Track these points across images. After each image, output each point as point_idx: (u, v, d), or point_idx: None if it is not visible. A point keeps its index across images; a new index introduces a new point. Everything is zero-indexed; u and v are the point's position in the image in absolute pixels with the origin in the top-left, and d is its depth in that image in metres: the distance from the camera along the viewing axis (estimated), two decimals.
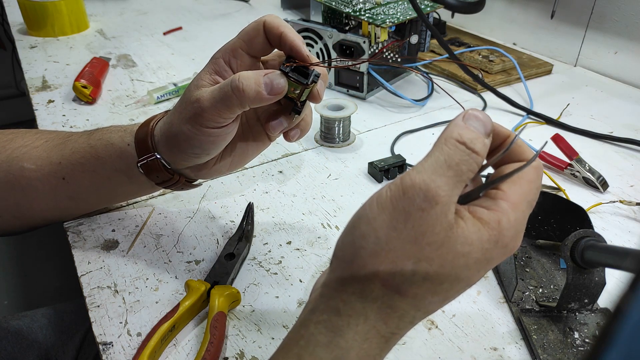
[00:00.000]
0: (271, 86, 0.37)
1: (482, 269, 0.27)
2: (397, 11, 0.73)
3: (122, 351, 0.37)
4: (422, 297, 0.26)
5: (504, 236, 0.26)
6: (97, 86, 0.74)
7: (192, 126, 0.38)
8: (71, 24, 0.97)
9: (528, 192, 0.28)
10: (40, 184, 0.45)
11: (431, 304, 0.27)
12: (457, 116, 0.28)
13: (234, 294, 0.40)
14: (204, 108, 0.37)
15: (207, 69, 0.40)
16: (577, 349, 0.38)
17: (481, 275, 0.28)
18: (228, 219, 0.51)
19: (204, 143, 0.40)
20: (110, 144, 0.43)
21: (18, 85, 2.05)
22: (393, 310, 0.26)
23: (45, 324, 0.59)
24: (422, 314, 0.28)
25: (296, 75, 0.37)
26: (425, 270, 0.26)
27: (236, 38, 0.39)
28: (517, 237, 0.27)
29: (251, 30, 0.39)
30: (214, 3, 1.17)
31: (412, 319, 0.27)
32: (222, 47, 0.40)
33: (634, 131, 0.69)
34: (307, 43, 0.73)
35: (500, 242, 0.26)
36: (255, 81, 0.36)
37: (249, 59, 0.40)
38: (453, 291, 0.27)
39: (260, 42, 0.39)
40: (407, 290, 0.26)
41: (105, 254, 0.46)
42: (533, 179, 0.28)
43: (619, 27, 0.81)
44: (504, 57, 0.82)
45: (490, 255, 0.26)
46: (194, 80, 0.39)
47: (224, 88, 0.37)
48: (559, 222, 0.46)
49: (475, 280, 0.27)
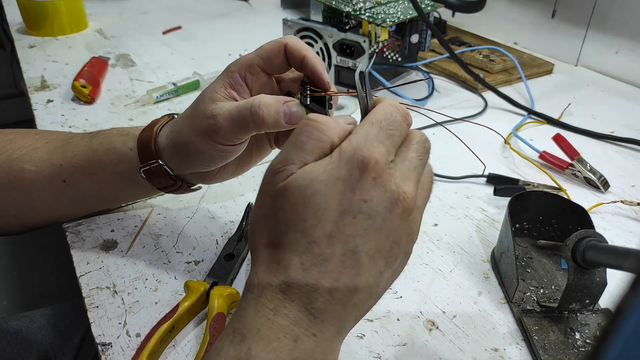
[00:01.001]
0: (290, 115, 0.37)
1: (337, 193, 0.27)
2: (398, 10, 0.73)
3: (121, 352, 0.37)
4: (294, 242, 0.27)
5: (342, 154, 0.27)
6: (96, 86, 0.74)
7: (205, 140, 0.39)
8: (70, 23, 0.97)
9: (378, 115, 0.29)
10: (41, 186, 0.45)
11: (303, 244, 0.27)
12: None
13: (233, 295, 0.40)
14: (219, 126, 0.38)
15: (222, 81, 0.39)
16: (578, 349, 0.37)
17: (352, 198, 0.27)
18: (227, 219, 0.51)
19: (214, 157, 0.40)
20: (113, 148, 0.43)
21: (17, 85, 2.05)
22: (273, 262, 0.27)
23: (45, 324, 0.58)
24: (299, 257, 0.27)
25: (314, 105, 0.38)
26: (284, 216, 0.27)
27: (254, 54, 0.39)
28: (364, 146, 0.27)
29: (271, 50, 0.38)
30: (214, 2, 1.17)
31: (298, 265, 0.27)
32: (238, 60, 0.39)
33: (635, 131, 0.68)
34: (307, 42, 0.73)
35: (340, 160, 0.27)
36: (275, 109, 0.37)
37: (265, 76, 0.40)
38: (318, 226, 0.27)
39: (279, 62, 0.39)
40: (278, 241, 0.28)
41: (104, 254, 0.46)
42: (382, 109, 0.30)
43: (620, 27, 0.81)
44: (505, 57, 0.82)
45: (337, 172, 0.27)
46: (208, 92, 0.39)
47: (242, 111, 0.37)
48: (560, 223, 0.46)
49: (346, 202, 0.27)
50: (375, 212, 0.27)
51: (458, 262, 0.46)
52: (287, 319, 0.26)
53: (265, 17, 1.09)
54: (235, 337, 0.27)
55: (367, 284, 0.27)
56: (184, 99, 0.74)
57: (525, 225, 0.48)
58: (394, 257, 0.28)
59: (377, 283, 0.28)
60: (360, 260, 0.27)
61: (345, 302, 0.27)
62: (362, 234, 0.27)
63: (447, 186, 0.56)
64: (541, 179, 0.57)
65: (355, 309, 0.28)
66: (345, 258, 0.27)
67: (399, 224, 0.27)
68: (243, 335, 0.26)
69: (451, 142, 0.65)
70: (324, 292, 0.27)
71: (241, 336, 0.26)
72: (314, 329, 0.27)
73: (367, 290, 0.28)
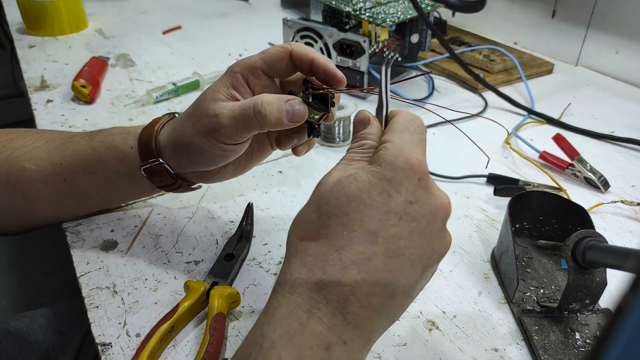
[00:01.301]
0: (292, 113, 0.37)
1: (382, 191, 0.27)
2: (398, 10, 0.73)
3: (121, 352, 0.37)
4: (333, 235, 0.27)
5: (383, 160, 0.28)
6: (96, 86, 0.74)
7: (207, 140, 0.39)
8: (70, 23, 0.97)
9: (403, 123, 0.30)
10: (41, 185, 0.45)
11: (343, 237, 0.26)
12: None
13: (233, 295, 0.40)
14: (222, 125, 0.38)
15: (224, 81, 0.39)
16: (578, 349, 0.37)
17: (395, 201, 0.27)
18: (227, 219, 0.51)
19: (216, 156, 0.40)
20: (113, 147, 0.43)
21: (17, 85, 2.05)
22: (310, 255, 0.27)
23: (45, 324, 0.58)
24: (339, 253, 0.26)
25: (317, 103, 0.38)
26: (327, 209, 0.27)
27: (257, 57, 0.39)
28: (404, 149, 0.28)
29: (275, 55, 0.39)
30: (214, 2, 1.17)
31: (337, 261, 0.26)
32: (241, 61, 0.40)
33: (635, 131, 0.68)
34: (307, 42, 0.73)
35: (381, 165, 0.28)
36: (277, 107, 0.37)
37: (267, 78, 0.40)
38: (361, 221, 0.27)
39: (282, 67, 0.39)
40: (316, 234, 0.27)
41: (104, 254, 0.46)
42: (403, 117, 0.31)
43: (620, 27, 0.81)
44: (505, 57, 0.82)
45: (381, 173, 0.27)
46: (210, 92, 0.39)
47: (245, 110, 0.37)
48: (560, 223, 0.46)
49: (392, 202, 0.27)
50: (420, 215, 0.26)
51: (458, 262, 0.46)
52: (321, 325, 0.25)
53: (265, 17, 1.09)
54: (265, 343, 0.25)
55: (404, 291, 0.26)
56: (184, 99, 0.74)
57: (525, 225, 0.48)
58: (431, 265, 0.27)
59: (412, 292, 0.27)
60: (402, 264, 0.26)
61: (380, 309, 0.26)
62: (406, 237, 0.26)
63: (447, 186, 0.56)
64: (541, 179, 0.57)
65: (387, 318, 0.27)
66: (388, 260, 0.26)
67: (439, 230, 0.27)
68: (273, 342, 0.25)
69: (451, 142, 0.65)
70: (362, 295, 0.25)
71: (271, 343, 0.25)
72: (346, 336, 0.25)
73: (402, 298, 0.27)
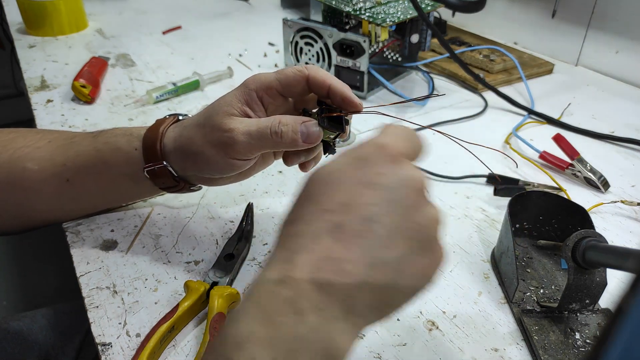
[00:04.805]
0: (307, 135, 0.38)
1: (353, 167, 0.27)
2: (398, 10, 0.73)
3: (121, 352, 0.37)
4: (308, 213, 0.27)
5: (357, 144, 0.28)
6: (96, 86, 0.74)
7: (217, 153, 0.39)
8: (70, 23, 0.97)
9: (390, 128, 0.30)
10: (43, 185, 0.44)
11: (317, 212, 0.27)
12: None
13: (233, 295, 0.40)
14: (236, 141, 0.38)
15: (239, 96, 0.39)
16: (578, 349, 0.37)
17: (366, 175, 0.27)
18: (227, 219, 0.51)
19: (223, 168, 0.40)
20: (118, 149, 0.43)
21: (17, 85, 2.04)
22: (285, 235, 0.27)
23: (45, 324, 0.58)
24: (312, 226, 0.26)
25: (332, 124, 0.39)
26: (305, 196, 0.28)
27: (274, 77, 0.39)
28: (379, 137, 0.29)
29: (292, 78, 0.39)
30: (214, 2, 1.17)
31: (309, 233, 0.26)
32: (257, 78, 0.40)
33: (636, 131, 0.68)
34: (307, 42, 0.73)
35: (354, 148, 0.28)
36: (292, 129, 0.37)
37: (281, 98, 0.41)
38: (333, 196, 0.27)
39: (297, 90, 0.40)
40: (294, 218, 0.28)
41: (104, 254, 0.46)
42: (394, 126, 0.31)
43: (620, 27, 0.81)
44: (505, 57, 0.82)
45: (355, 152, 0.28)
46: (224, 106, 0.39)
47: (262, 129, 0.38)
48: (560, 223, 0.46)
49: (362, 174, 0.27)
50: (392, 184, 0.26)
51: (458, 262, 0.46)
52: (290, 290, 0.24)
53: (265, 17, 1.09)
54: (235, 315, 0.25)
55: (385, 262, 0.25)
56: (184, 99, 0.74)
57: (525, 225, 0.48)
58: (416, 239, 0.26)
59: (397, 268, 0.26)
60: (377, 229, 0.25)
61: (354, 275, 0.25)
62: (379, 204, 0.26)
63: (447, 186, 0.56)
64: (541, 179, 0.57)
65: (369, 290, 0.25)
66: (361, 227, 0.25)
67: (416, 200, 0.27)
68: (244, 310, 0.25)
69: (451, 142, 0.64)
70: (335, 261, 0.25)
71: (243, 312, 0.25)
72: (321, 304, 0.24)
73: (385, 269, 0.25)
